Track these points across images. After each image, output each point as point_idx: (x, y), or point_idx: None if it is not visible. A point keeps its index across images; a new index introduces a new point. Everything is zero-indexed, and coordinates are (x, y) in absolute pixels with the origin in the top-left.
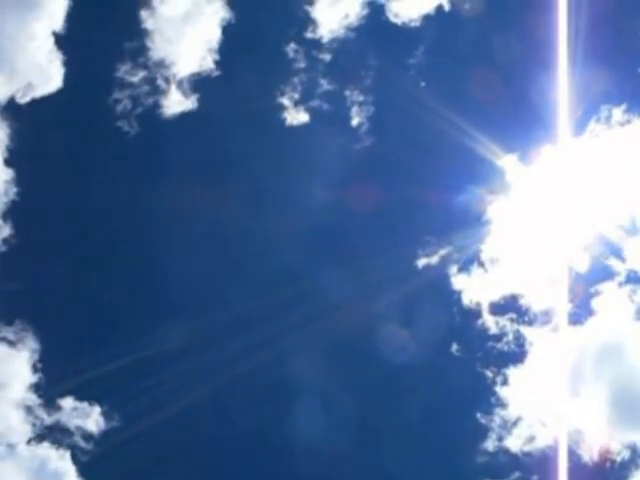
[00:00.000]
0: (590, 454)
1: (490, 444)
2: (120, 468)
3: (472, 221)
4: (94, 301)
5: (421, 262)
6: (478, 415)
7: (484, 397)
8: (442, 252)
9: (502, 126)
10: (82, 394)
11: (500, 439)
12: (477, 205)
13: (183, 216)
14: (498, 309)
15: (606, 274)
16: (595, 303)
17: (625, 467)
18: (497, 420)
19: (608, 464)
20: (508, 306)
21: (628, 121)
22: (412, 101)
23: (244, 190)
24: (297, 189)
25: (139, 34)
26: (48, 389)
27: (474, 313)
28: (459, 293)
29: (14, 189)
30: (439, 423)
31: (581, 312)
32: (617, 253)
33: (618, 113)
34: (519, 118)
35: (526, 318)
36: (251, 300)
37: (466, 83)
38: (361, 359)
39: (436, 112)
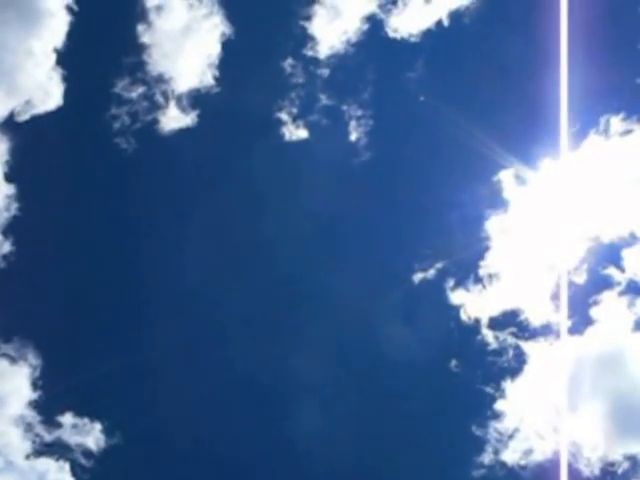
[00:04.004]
0: (590, 466)
1: (486, 457)
2: None
3: (470, 236)
4: (95, 317)
5: (418, 277)
6: (473, 428)
7: (482, 410)
8: (440, 267)
9: (500, 140)
10: (82, 410)
11: (497, 452)
12: (475, 220)
13: (182, 230)
14: (497, 324)
15: (606, 284)
16: (594, 313)
17: (625, 479)
18: (494, 433)
19: (608, 477)
20: (507, 320)
21: (626, 131)
22: (410, 116)
23: (243, 204)
24: (295, 204)
25: (138, 50)
26: (48, 406)
27: (473, 328)
28: (457, 308)
29: (14, 204)
30: (438, 436)
31: (581, 322)
32: (617, 263)
33: (616, 122)
34: (517, 132)
35: (525, 332)
36: (251, 310)
37: (464, 98)
38: (359, 371)
39: (434, 127)
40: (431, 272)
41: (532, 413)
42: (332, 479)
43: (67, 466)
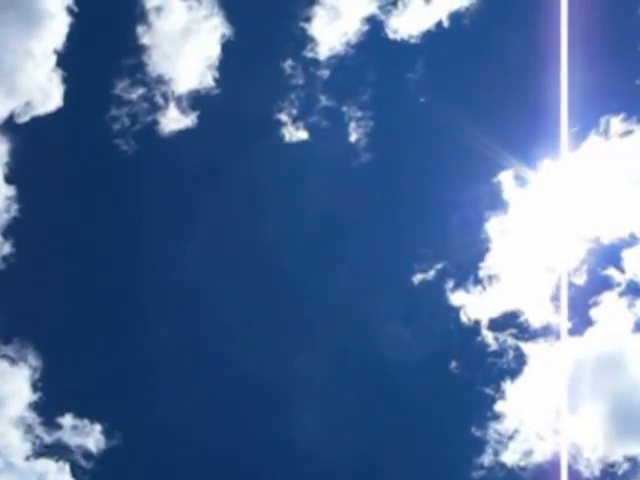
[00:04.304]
0: (590, 468)
1: (486, 458)
2: None
3: (470, 237)
4: (95, 318)
5: (418, 278)
6: (473, 429)
7: (482, 411)
8: (440, 268)
9: (500, 141)
10: (82, 412)
11: (496, 453)
12: (475, 221)
13: (183, 231)
14: (497, 325)
15: (606, 285)
16: (594, 314)
17: None
18: (494, 434)
19: (608, 478)
20: (507, 322)
21: (626, 131)
22: (410, 117)
23: (244, 206)
24: (295, 205)
25: (138, 51)
26: (48, 407)
27: (473, 329)
28: (457, 309)
29: (14, 206)
30: (438, 437)
31: (581, 323)
32: (617, 264)
33: (616, 123)
34: (518, 133)
35: (525, 333)
36: (251, 312)
37: (464, 99)
38: (359, 372)
39: (434, 128)
40: (431, 273)
41: (532, 414)
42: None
43: (67, 467)
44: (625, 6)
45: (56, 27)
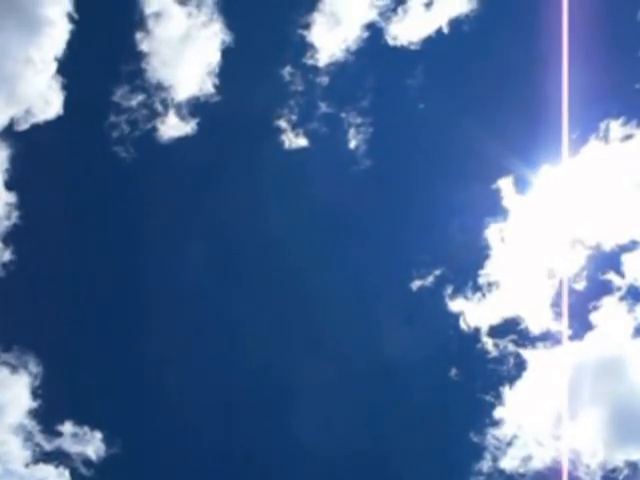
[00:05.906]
0: (590, 474)
1: (485, 464)
2: None
3: (470, 243)
4: (95, 325)
5: (416, 284)
6: (472, 435)
7: (482, 417)
8: (439, 274)
9: (500, 147)
10: (82, 419)
11: (495, 459)
12: (475, 227)
13: (182, 238)
14: (497, 332)
15: (606, 289)
16: (594, 318)
17: None
18: (493, 440)
19: None
20: (507, 328)
21: (626, 135)
22: (410, 124)
23: (243, 212)
24: (294, 211)
25: (137, 58)
26: (48, 414)
27: (473, 336)
28: (456, 316)
29: (15, 213)
30: (437, 444)
31: (581, 328)
32: (617, 268)
33: (616, 127)
34: (517, 139)
35: (526, 339)
36: (250, 318)
37: (464, 105)
38: (358, 379)
39: (434, 134)
40: (430, 279)
41: (531, 420)
42: None
43: (67, 473)
44: (625, 11)
45: (56, 34)
